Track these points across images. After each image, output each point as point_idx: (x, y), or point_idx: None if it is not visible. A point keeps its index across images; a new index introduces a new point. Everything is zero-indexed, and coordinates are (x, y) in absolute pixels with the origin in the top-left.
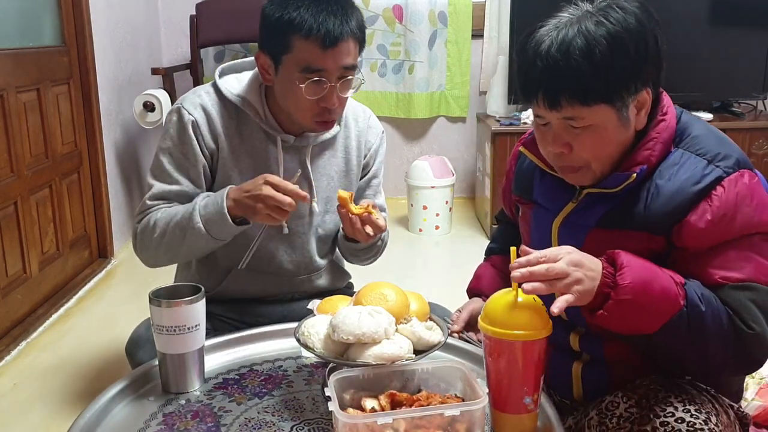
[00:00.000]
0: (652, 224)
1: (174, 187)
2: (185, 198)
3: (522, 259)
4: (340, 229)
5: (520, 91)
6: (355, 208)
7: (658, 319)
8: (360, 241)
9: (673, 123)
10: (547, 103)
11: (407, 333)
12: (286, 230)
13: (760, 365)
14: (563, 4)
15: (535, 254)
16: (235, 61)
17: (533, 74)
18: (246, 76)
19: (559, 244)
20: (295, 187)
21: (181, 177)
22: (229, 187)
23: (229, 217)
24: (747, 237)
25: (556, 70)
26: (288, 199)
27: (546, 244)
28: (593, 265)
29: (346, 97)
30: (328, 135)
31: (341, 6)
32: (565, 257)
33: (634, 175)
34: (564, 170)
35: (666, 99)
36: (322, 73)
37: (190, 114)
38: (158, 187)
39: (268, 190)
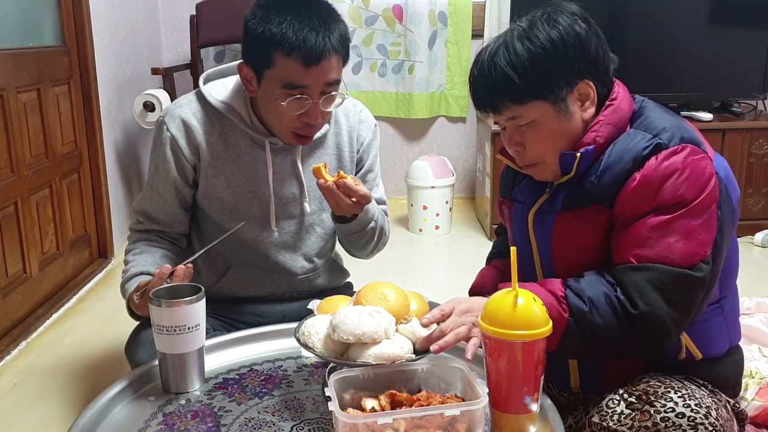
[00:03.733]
0: (603, 197)
1: (147, 201)
2: (159, 211)
3: (432, 335)
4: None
5: (474, 105)
6: (328, 176)
7: (553, 338)
8: (346, 213)
9: (624, 107)
10: (489, 109)
11: (407, 333)
12: (276, 234)
13: (664, 343)
14: (515, 21)
15: (434, 314)
16: (220, 67)
17: (473, 85)
18: (231, 82)
19: (533, 233)
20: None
21: (152, 191)
22: (138, 281)
23: (127, 308)
24: (666, 209)
25: (489, 80)
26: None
27: (524, 234)
28: (481, 304)
29: (329, 112)
30: (318, 134)
31: (323, 21)
32: (455, 309)
33: (579, 154)
34: (525, 168)
35: (618, 87)
36: (304, 90)
37: (168, 130)
38: (138, 199)
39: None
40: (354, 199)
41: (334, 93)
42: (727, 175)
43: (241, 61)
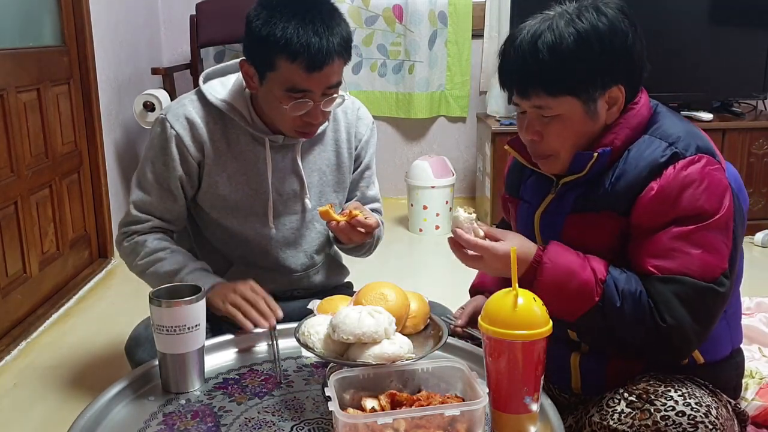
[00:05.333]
0: (617, 204)
1: (154, 199)
2: (164, 209)
3: (465, 239)
4: (329, 233)
5: (499, 81)
6: (338, 217)
7: (574, 311)
8: (355, 242)
9: (644, 112)
10: (517, 92)
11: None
12: (274, 230)
13: (683, 355)
14: (553, 4)
15: (477, 241)
16: (220, 65)
17: (507, 65)
18: (230, 80)
19: (540, 234)
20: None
21: (161, 188)
22: (214, 283)
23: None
24: (685, 220)
25: (525, 62)
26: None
27: (530, 235)
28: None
29: (329, 111)
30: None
31: (327, 24)
32: (493, 248)
33: (596, 154)
34: (536, 157)
35: (642, 94)
36: (306, 94)
37: (173, 128)
38: (139, 196)
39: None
40: (364, 230)
41: (335, 95)
42: (738, 186)
43: (243, 58)
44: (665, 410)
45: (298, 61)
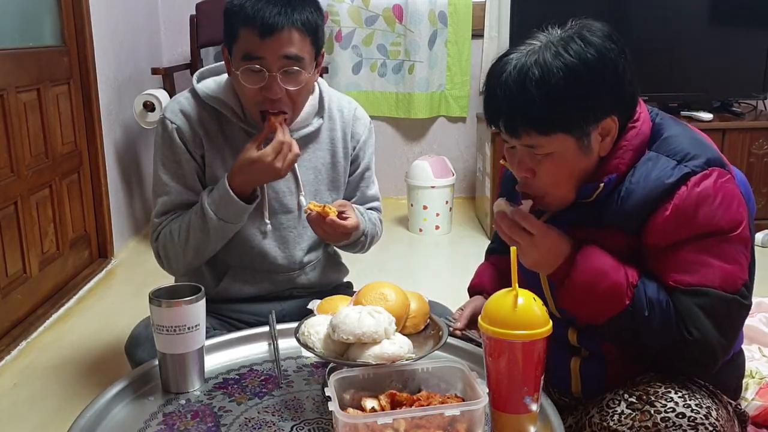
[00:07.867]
0: (624, 224)
1: (174, 196)
2: (189, 206)
3: (524, 215)
4: None
5: (485, 117)
6: (314, 207)
7: (603, 313)
8: (326, 239)
9: (645, 129)
10: (506, 131)
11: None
12: (269, 227)
13: (709, 368)
14: (535, 30)
15: (534, 221)
16: (213, 65)
17: (494, 102)
18: (224, 78)
19: None
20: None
21: (180, 186)
22: (227, 180)
23: (234, 195)
24: (704, 237)
25: (513, 101)
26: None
27: None
28: (551, 255)
29: (295, 91)
30: (311, 128)
31: (288, 1)
32: (533, 237)
33: (602, 184)
34: (528, 192)
35: (640, 108)
36: (261, 62)
37: (172, 122)
38: (161, 202)
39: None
40: (339, 230)
41: (296, 68)
42: (747, 192)
43: (222, 44)
44: (665, 411)
45: (251, 26)
